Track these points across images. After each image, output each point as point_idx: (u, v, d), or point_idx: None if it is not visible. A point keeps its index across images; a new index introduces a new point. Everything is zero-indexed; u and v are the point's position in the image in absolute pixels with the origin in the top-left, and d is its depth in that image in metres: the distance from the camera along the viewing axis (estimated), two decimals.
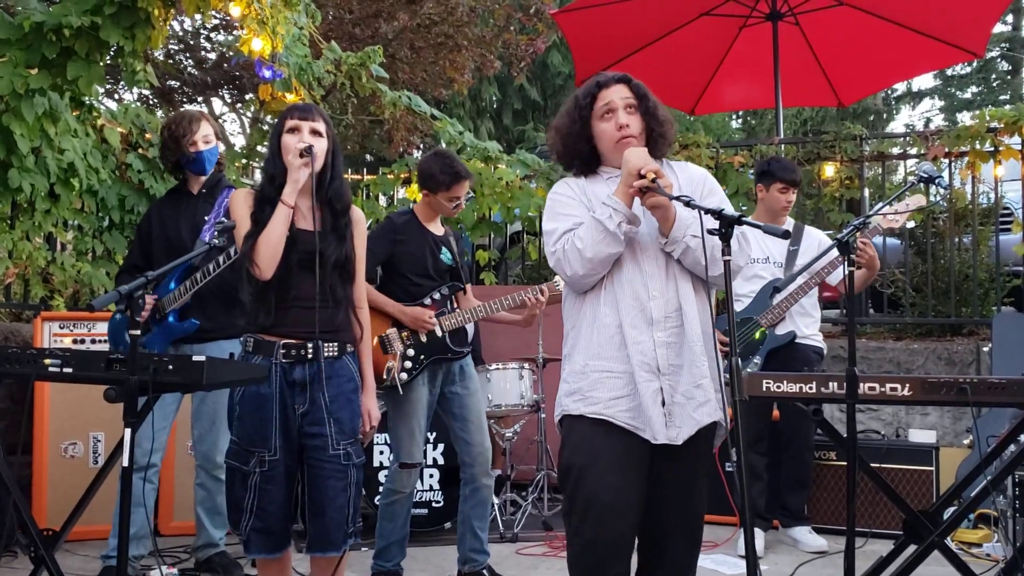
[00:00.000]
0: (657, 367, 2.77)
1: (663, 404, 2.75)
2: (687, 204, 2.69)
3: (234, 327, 3.98)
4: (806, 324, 5.01)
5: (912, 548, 3.03)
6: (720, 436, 2.89)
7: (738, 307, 4.98)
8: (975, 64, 21.61)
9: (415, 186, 7.54)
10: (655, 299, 2.80)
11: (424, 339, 4.26)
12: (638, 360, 2.76)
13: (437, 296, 4.32)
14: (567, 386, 2.89)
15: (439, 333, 4.27)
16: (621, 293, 2.82)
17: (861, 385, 2.90)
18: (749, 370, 4.80)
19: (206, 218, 4.36)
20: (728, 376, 2.63)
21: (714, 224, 2.60)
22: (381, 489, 4.36)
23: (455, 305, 4.40)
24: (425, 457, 5.20)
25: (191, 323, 4.22)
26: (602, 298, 2.85)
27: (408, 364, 4.22)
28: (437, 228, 4.41)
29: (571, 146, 2.94)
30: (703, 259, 2.75)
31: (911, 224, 6.94)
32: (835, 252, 4.57)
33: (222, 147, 4.59)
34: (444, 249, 4.38)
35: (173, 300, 4.19)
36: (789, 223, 5.19)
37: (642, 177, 2.70)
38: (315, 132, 3.18)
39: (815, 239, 5.12)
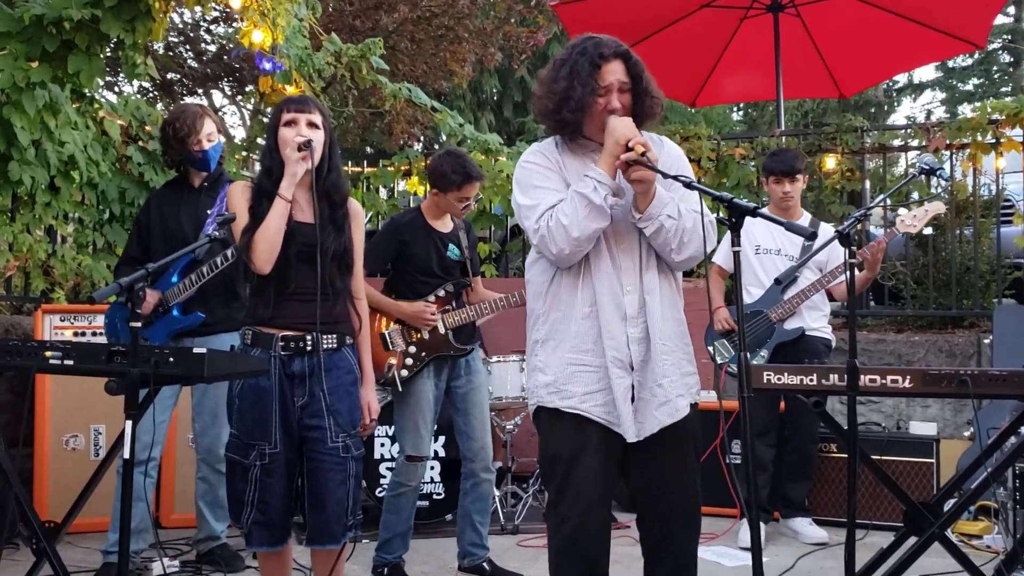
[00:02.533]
0: (630, 363, 2.77)
1: (633, 400, 2.77)
2: (687, 185, 2.66)
3: (234, 320, 3.98)
4: (814, 318, 5.02)
5: (912, 540, 3.03)
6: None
7: (748, 299, 5.00)
8: (976, 56, 21.55)
9: (415, 178, 7.56)
10: (629, 293, 2.78)
11: (427, 336, 4.25)
12: (612, 356, 2.75)
13: (442, 293, 4.31)
14: (543, 376, 2.86)
15: (442, 330, 4.26)
16: (599, 285, 2.78)
17: (862, 377, 2.90)
18: (755, 362, 4.82)
19: (208, 212, 4.35)
20: (734, 368, 2.63)
21: (716, 214, 2.59)
22: (384, 482, 4.36)
23: (463, 300, 4.39)
24: (429, 451, 5.19)
25: (196, 316, 4.22)
26: (579, 288, 2.80)
27: (409, 361, 4.22)
28: (444, 225, 4.39)
29: (579, 112, 2.79)
30: (672, 242, 2.73)
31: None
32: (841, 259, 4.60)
33: (222, 139, 4.58)
34: (452, 245, 4.36)
35: (177, 294, 4.19)
36: (805, 218, 5.19)
37: (629, 149, 2.64)
38: (312, 124, 3.17)
39: (829, 235, 5.12)
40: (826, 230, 5.16)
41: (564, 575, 2.85)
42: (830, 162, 7.10)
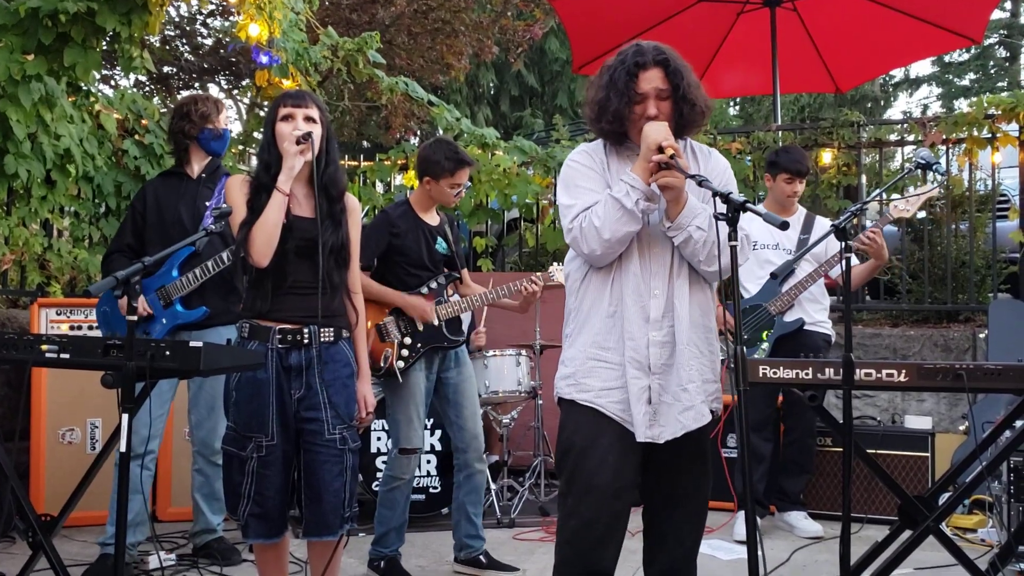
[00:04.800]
0: (648, 365, 2.78)
1: (649, 402, 2.78)
2: (700, 183, 2.67)
3: (231, 313, 3.98)
4: (815, 310, 5.02)
5: (907, 533, 3.03)
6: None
7: (745, 295, 5.03)
8: (973, 50, 21.56)
9: (412, 172, 7.55)
10: (655, 297, 2.81)
11: (420, 327, 4.27)
12: (630, 356, 2.79)
13: (433, 285, 4.32)
14: (564, 369, 2.92)
15: (435, 322, 4.28)
16: (625, 286, 2.82)
17: (857, 371, 2.90)
18: (756, 356, 4.82)
19: (207, 204, 4.35)
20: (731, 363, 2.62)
21: (721, 208, 2.58)
22: (380, 475, 4.37)
23: (452, 293, 4.40)
24: (422, 443, 5.21)
25: (200, 310, 4.22)
26: (608, 287, 2.85)
27: (405, 352, 4.23)
28: (432, 218, 4.41)
29: (616, 122, 2.85)
30: (701, 253, 2.75)
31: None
32: (836, 249, 4.62)
33: None
34: (439, 239, 4.38)
35: (179, 288, 4.19)
36: (801, 212, 5.20)
37: (661, 152, 2.67)
38: (309, 119, 3.17)
39: (824, 228, 5.13)
40: (822, 223, 5.17)
41: (567, 570, 2.85)
42: (826, 157, 7.10)
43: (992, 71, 23.39)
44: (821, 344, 5.01)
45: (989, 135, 6.62)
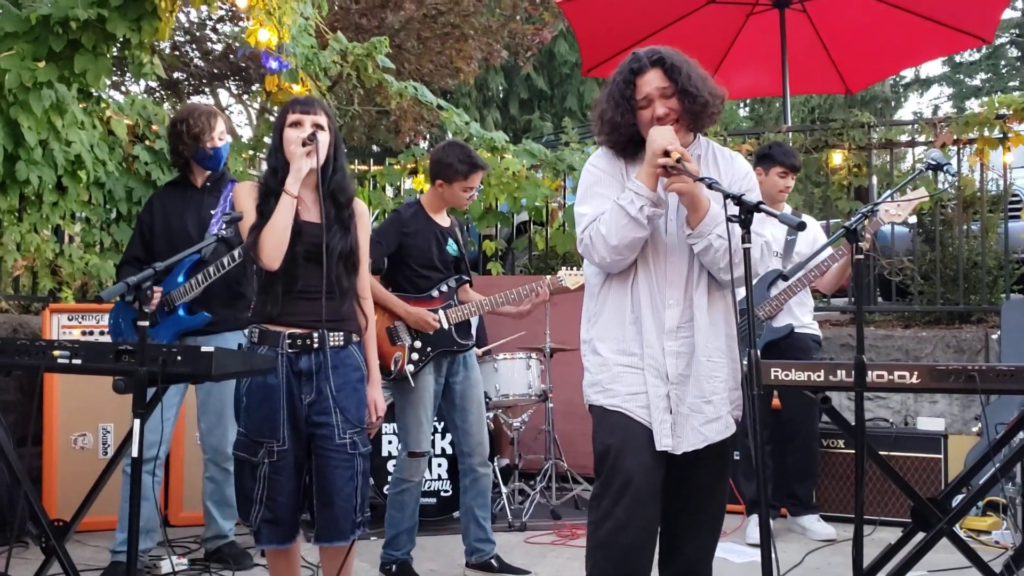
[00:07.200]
0: (666, 374, 2.79)
1: (670, 412, 2.78)
2: (709, 186, 2.65)
3: (238, 319, 3.99)
4: (802, 313, 4.99)
5: (920, 536, 3.02)
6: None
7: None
8: (984, 50, 21.50)
9: (422, 176, 7.57)
10: (671, 307, 2.81)
11: (431, 331, 4.27)
12: (649, 363, 2.79)
13: (445, 288, 4.33)
14: (590, 376, 2.92)
15: (445, 326, 4.28)
16: (643, 293, 2.82)
17: (870, 373, 2.89)
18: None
19: (212, 212, 4.36)
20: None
21: (734, 210, 2.56)
22: (391, 479, 4.38)
23: (459, 298, 4.41)
24: (433, 447, 5.21)
25: (202, 316, 4.23)
26: (628, 293, 2.85)
27: (415, 356, 4.23)
28: (443, 220, 4.41)
29: (616, 133, 2.84)
30: (721, 261, 2.73)
31: (917, 213, 6.90)
32: (828, 252, 4.60)
33: (229, 139, 4.60)
34: (450, 240, 4.38)
35: (183, 293, 4.20)
36: (787, 210, 5.16)
37: (667, 156, 2.65)
38: (317, 126, 3.18)
39: (810, 229, 5.09)
40: (809, 221, 5.15)
41: (601, 575, 2.83)
42: (837, 158, 7.07)
43: (1003, 71, 23.31)
44: (812, 345, 4.98)
45: (1000, 135, 6.59)
